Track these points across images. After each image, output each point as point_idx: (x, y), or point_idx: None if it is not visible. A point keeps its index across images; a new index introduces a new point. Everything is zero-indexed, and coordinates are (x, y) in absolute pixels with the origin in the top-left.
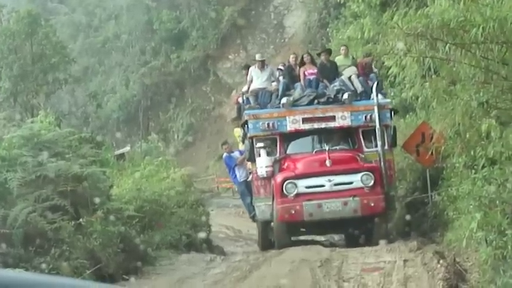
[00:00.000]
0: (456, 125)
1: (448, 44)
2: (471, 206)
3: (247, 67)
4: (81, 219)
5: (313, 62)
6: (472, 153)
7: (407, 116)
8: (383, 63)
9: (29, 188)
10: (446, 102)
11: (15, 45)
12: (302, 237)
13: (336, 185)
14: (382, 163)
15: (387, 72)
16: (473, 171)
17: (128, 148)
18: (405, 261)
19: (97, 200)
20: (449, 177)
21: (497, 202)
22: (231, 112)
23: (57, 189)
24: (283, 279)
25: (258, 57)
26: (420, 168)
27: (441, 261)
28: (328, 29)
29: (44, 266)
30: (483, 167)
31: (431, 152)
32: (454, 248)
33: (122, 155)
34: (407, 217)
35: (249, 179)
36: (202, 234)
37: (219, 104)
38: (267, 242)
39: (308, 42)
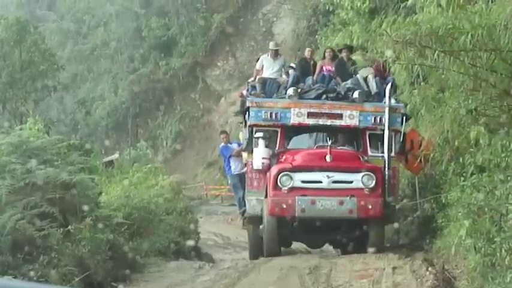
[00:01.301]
0: (445, 132)
1: (436, 52)
2: (460, 213)
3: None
4: (69, 227)
5: (333, 60)
6: (460, 160)
7: None
8: None
9: (18, 195)
10: (435, 110)
11: (4, 52)
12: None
13: (334, 182)
14: (386, 169)
15: None
16: (462, 178)
17: (116, 155)
18: (394, 268)
19: (86, 207)
20: (438, 184)
21: (486, 209)
22: (220, 119)
23: (45, 197)
24: (272, 286)
25: (271, 45)
26: (409, 175)
27: (430, 269)
28: (317, 36)
29: (32, 273)
30: (472, 174)
31: (420, 160)
32: (443, 256)
33: (110, 162)
34: (396, 224)
35: (244, 170)
36: (191, 242)
37: (208, 111)
38: (257, 250)
39: (297, 50)
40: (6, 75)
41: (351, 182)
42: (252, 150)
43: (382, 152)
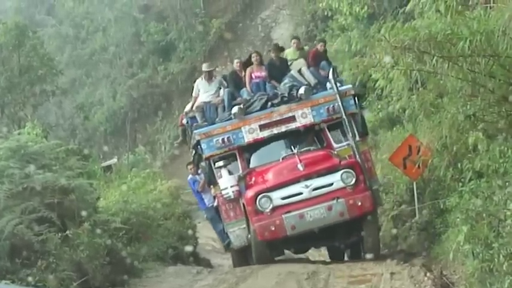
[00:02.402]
0: (443, 138)
1: (435, 57)
2: (458, 219)
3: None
4: (67, 231)
5: (262, 63)
6: (459, 166)
7: (394, 128)
8: (370, 75)
9: (16, 200)
10: (434, 115)
11: (2, 57)
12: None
13: (314, 189)
14: (357, 156)
15: (374, 84)
16: (460, 184)
17: (115, 160)
18: (392, 273)
19: (84, 212)
20: (436, 190)
21: (484, 215)
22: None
23: (44, 201)
24: None
25: (204, 67)
26: (407, 180)
27: (428, 274)
28: (315, 42)
29: (30, 278)
30: (470, 180)
31: (418, 165)
32: (441, 261)
33: (109, 167)
34: (394, 230)
35: (215, 204)
36: (189, 247)
37: None
38: (242, 261)
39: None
40: (4, 80)
41: (331, 184)
42: (217, 182)
43: (347, 140)
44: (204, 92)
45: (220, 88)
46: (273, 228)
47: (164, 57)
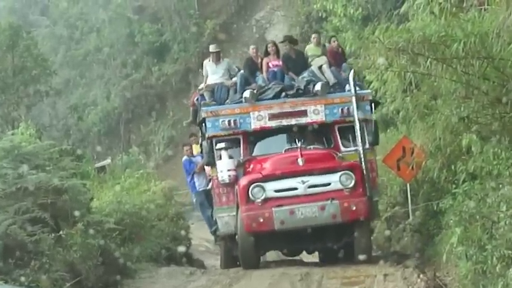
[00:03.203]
0: (437, 140)
1: (429, 59)
2: (451, 221)
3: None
4: (61, 232)
5: (278, 54)
6: (452, 168)
7: (388, 130)
8: (364, 77)
9: (9, 200)
10: (427, 117)
11: None
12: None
13: (310, 187)
14: (363, 164)
15: (368, 86)
16: (454, 186)
17: (108, 161)
18: (385, 275)
19: (77, 212)
20: (430, 191)
21: (478, 217)
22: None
23: (37, 202)
24: None
25: (211, 48)
26: (400, 182)
27: (421, 276)
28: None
29: (23, 278)
30: (464, 181)
31: (412, 167)
32: (435, 263)
33: (102, 168)
34: (387, 232)
35: (209, 187)
36: (182, 248)
37: None
38: (231, 263)
39: None
40: None
41: (329, 184)
42: (215, 164)
43: (356, 146)
44: (211, 73)
45: (229, 70)
46: (261, 220)
47: (158, 58)
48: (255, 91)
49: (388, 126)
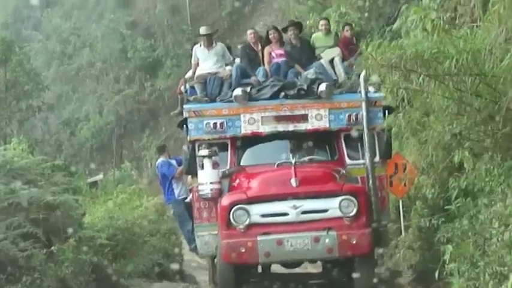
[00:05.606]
0: (429, 156)
1: (421, 75)
2: (444, 237)
3: (193, 45)
4: (53, 247)
5: (281, 43)
6: (445, 184)
7: None
8: None
9: (1, 215)
10: (420, 133)
11: None
12: None
13: (304, 213)
14: (370, 181)
15: None
16: (446, 202)
17: (100, 176)
18: None
19: (69, 228)
20: (422, 208)
21: (470, 234)
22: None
23: (29, 217)
24: None
25: (202, 30)
26: (393, 198)
27: None
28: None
29: None
30: (456, 198)
31: (404, 183)
32: (427, 280)
33: (94, 183)
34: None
35: (189, 198)
36: (175, 265)
37: None
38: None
39: None
40: None
41: (326, 210)
42: (196, 173)
43: (363, 158)
44: (203, 60)
45: (223, 57)
46: (243, 250)
47: (151, 74)
48: (248, 89)
49: None
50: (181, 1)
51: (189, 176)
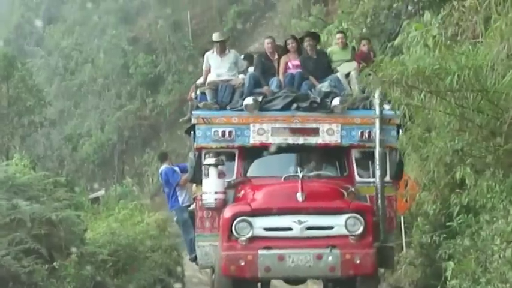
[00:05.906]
0: (431, 173)
1: (423, 92)
2: (446, 254)
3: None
4: (55, 263)
5: (299, 53)
6: (446, 200)
7: None
8: None
9: (3, 231)
10: (421, 150)
11: None
12: None
13: (308, 229)
14: (379, 201)
15: None
16: (448, 219)
17: (102, 192)
18: None
19: (71, 243)
20: (424, 224)
21: (472, 250)
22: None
23: (31, 233)
24: None
25: (215, 37)
26: None
27: None
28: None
29: None
30: (458, 214)
31: (406, 199)
32: None
33: (96, 199)
34: None
35: (192, 207)
36: (178, 285)
37: None
38: None
39: None
40: None
41: (331, 227)
42: (201, 182)
43: (374, 177)
44: (215, 67)
45: (236, 64)
46: (242, 264)
47: (153, 90)
48: (259, 99)
49: None
50: (183, 17)
51: (194, 184)
